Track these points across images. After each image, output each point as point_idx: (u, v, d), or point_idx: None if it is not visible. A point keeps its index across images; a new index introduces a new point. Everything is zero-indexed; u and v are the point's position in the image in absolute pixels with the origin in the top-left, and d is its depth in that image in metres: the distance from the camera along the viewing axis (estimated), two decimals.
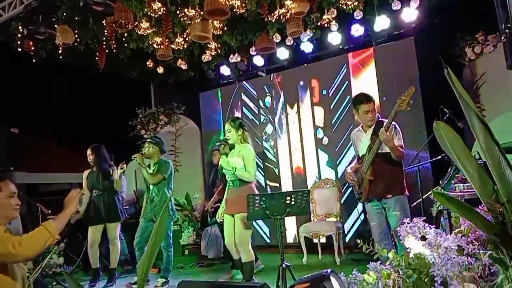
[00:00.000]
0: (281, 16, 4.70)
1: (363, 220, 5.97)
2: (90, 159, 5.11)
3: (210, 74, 7.94)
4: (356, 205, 6.05)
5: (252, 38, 6.05)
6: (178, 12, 4.93)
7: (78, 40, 5.56)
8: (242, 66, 7.47)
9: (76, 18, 5.19)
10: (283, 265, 3.33)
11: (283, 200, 3.40)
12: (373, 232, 3.68)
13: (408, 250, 1.94)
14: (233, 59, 6.71)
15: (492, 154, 1.84)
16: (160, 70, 6.90)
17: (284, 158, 7.03)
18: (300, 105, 6.92)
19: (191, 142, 8.08)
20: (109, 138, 6.05)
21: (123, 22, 4.73)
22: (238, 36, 6.00)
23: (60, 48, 5.43)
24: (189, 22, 5.08)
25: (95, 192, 5.04)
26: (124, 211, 5.28)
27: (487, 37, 5.56)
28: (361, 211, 5.99)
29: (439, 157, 4.15)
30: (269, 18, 4.83)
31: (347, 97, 6.39)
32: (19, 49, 5.57)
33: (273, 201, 3.40)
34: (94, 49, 5.93)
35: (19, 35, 5.33)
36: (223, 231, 4.94)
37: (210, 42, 5.60)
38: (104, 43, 5.79)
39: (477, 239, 1.90)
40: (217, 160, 4.90)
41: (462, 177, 3.53)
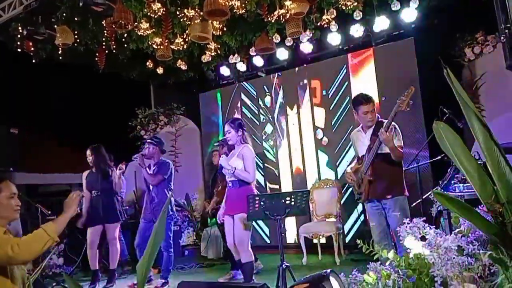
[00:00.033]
0: (281, 17, 4.70)
1: (363, 221, 5.97)
2: (90, 160, 5.11)
3: (210, 75, 7.95)
4: (356, 206, 6.05)
5: (252, 39, 6.06)
6: (178, 13, 4.93)
7: (78, 41, 5.56)
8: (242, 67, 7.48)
9: (76, 19, 5.19)
10: (283, 266, 3.32)
11: (283, 201, 3.39)
12: (373, 233, 3.67)
13: (408, 251, 1.94)
14: (233, 60, 6.71)
15: (492, 154, 1.84)
16: (160, 71, 6.90)
17: (284, 159, 7.03)
18: (300, 106, 6.92)
19: (191, 143, 8.08)
20: (109, 139, 6.05)
21: (123, 23, 4.73)
22: (238, 37, 6.00)
23: (60, 49, 5.44)
24: (189, 23, 5.08)
25: (94, 193, 5.03)
26: (123, 212, 5.27)
27: (487, 38, 5.56)
28: (361, 212, 5.99)
29: (439, 157, 4.16)
30: (269, 19, 4.83)
31: (347, 98, 6.39)
32: (19, 50, 5.57)
33: (273, 202, 3.39)
34: (94, 50, 5.94)
35: (19, 36, 5.34)
36: (223, 232, 4.93)
37: (210, 43, 5.60)
38: (104, 44, 5.79)
39: (477, 239, 1.90)
40: (217, 161, 4.90)
41: (462, 177, 3.52)
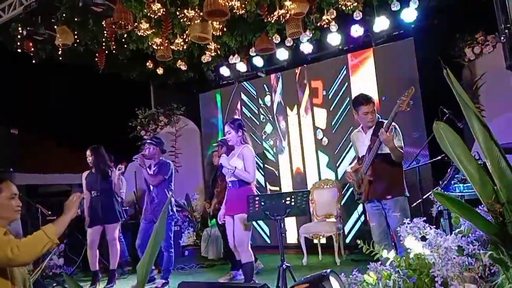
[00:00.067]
0: (281, 17, 4.70)
1: (363, 221, 5.97)
2: (90, 160, 5.11)
3: (210, 75, 7.95)
4: (357, 206, 6.04)
5: (252, 39, 6.06)
6: (178, 13, 4.93)
7: (78, 41, 5.56)
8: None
9: (76, 19, 5.20)
10: (283, 266, 3.32)
11: (283, 201, 3.39)
12: (373, 233, 3.67)
13: (409, 251, 1.94)
14: (233, 60, 6.71)
15: (492, 154, 1.84)
16: (160, 71, 6.90)
17: (284, 159, 7.03)
18: (300, 106, 6.92)
19: (191, 143, 8.08)
20: (109, 139, 6.06)
21: (123, 23, 4.73)
22: (238, 37, 6.00)
23: (60, 49, 5.44)
24: (189, 23, 5.08)
25: (94, 193, 5.03)
26: (123, 212, 5.26)
27: (487, 38, 5.56)
28: (361, 212, 5.99)
29: (439, 158, 4.15)
30: (269, 19, 4.83)
31: (347, 98, 6.39)
32: (19, 50, 5.57)
33: (273, 202, 3.39)
34: (94, 50, 5.94)
35: (19, 36, 5.34)
36: (223, 232, 4.93)
37: (210, 43, 5.60)
38: (104, 44, 5.79)
39: (477, 240, 1.90)
40: (218, 161, 4.89)
41: (462, 178, 3.53)
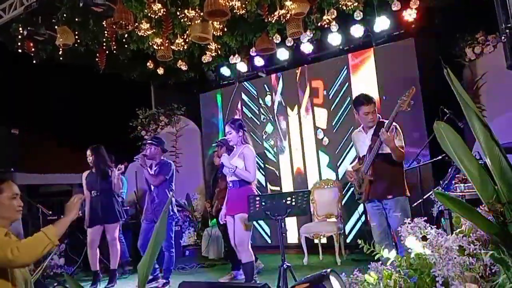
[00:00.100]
0: (281, 17, 4.70)
1: (364, 221, 5.97)
2: (90, 160, 5.11)
3: (210, 75, 7.95)
4: (357, 206, 6.04)
5: (252, 39, 6.06)
6: (178, 13, 4.93)
7: (79, 41, 5.57)
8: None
9: (76, 19, 5.20)
10: (284, 266, 3.32)
11: (284, 201, 3.39)
12: (374, 233, 3.67)
13: (409, 251, 1.94)
14: (233, 60, 6.72)
15: (493, 154, 1.83)
16: (160, 71, 6.90)
17: (285, 159, 7.03)
18: (301, 106, 6.92)
19: (192, 143, 8.09)
20: (110, 139, 6.06)
21: (123, 23, 4.73)
22: (238, 37, 6.01)
23: (60, 49, 5.45)
24: (189, 23, 5.08)
25: (94, 193, 5.04)
26: (123, 212, 5.26)
27: (487, 37, 5.56)
28: (362, 212, 5.99)
29: (440, 157, 4.15)
30: (269, 19, 4.83)
31: (348, 98, 6.39)
32: (20, 50, 5.57)
33: (274, 202, 3.39)
34: (94, 50, 5.94)
35: (20, 36, 5.34)
36: (224, 232, 4.93)
37: (210, 43, 5.60)
38: (104, 44, 5.79)
39: (478, 239, 1.90)
40: (218, 162, 4.90)
41: (463, 177, 3.52)
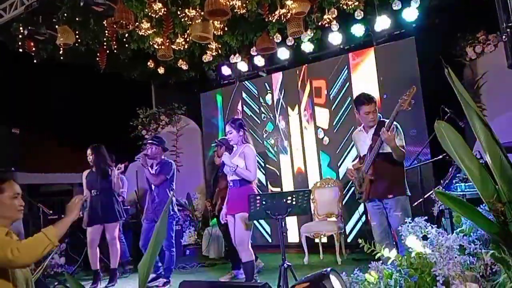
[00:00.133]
0: (282, 16, 4.70)
1: (365, 220, 5.97)
2: (90, 159, 5.11)
3: (211, 75, 7.95)
4: (358, 206, 6.03)
5: (253, 38, 6.06)
6: (179, 13, 4.94)
7: (79, 41, 5.57)
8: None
9: (77, 19, 5.21)
10: (285, 265, 3.32)
11: (284, 200, 3.38)
12: (374, 232, 3.67)
13: (410, 250, 1.94)
14: (234, 60, 6.71)
15: (493, 153, 1.84)
16: (161, 71, 6.91)
17: (285, 159, 7.02)
18: (301, 105, 6.92)
19: (192, 142, 8.09)
20: (110, 139, 6.06)
21: (124, 23, 4.74)
22: (239, 37, 6.01)
23: (61, 49, 5.45)
24: (190, 23, 5.08)
25: (94, 192, 5.04)
26: (123, 212, 5.24)
27: (488, 37, 5.55)
28: (363, 212, 5.99)
29: (440, 157, 4.15)
30: (270, 18, 4.83)
31: (348, 97, 6.38)
32: (20, 50, 5.58)
33: (274, 201, 3.38)
34: (95, 50, 5.95)
35: (20, 36, 5.35)
36: (224, 231, 4.92)
37: (211, 43, 5.60)
38: (105, 44, 5.80)
39: (479, 239, 1.90)
40: (219, 161, 4.89)
41: (464, 177, 3.52)
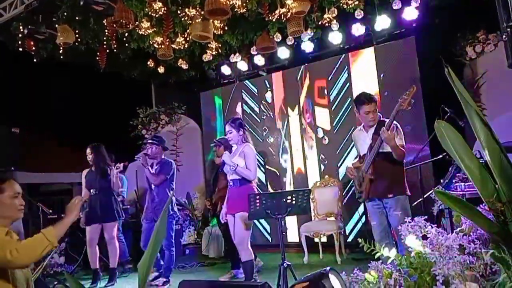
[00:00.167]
0: (282, 16, 4.70)
1: (365, 220, 5.96)
2: (89, 158, 5.11)
3: (211, 74, 7.95)
4: (358, 205, 6.03)
5: (253, 38, 6.06)
6: (179, 12, 4.94)
7: (79, 40, 5.57)
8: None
9: (77, 18, 5.21)
10: (284, 264, 3.32)
11: (284, 200, 3.38)
12: (374, 231, 3.67)
13: (410, 250, 1.94)
14: (234, 59, 6.70)
15: (493, 153, 1.83)
16: (161, 70, 6.91)
17: (286, 158, 7.02)
18: (301, 105, 6.91)
19: (192, 142, 8.09)
20: (110, 138, 6.06)
21: (124, 22, 4.73)
22: (239, 36, 6.00)
23: (61, 48, 5.45)
24: (190, 22, 5.08)
25: (93, 191, 5.04)
26: (121, 211, 5.24)
27: (488, 36, 5.55)
28: (363, 211, 5.99)
29: (440, 156, 4.15)
30: (270, 18, 4.83)
31: (348, 97, 6.38)
32: (20, 49, 5.57)
33: (274, 201, 3.38)
34: (95, 49, 5.94)
35: (20, 35, 5.35)
36: (224, 231, 4.92)
37: (211, 42, 5.60)
38: (105, 43, 5.80)
39: (479, 238, 1.90)
40: (219, 161, 4.90)
41: (463, 176, 3.52)
